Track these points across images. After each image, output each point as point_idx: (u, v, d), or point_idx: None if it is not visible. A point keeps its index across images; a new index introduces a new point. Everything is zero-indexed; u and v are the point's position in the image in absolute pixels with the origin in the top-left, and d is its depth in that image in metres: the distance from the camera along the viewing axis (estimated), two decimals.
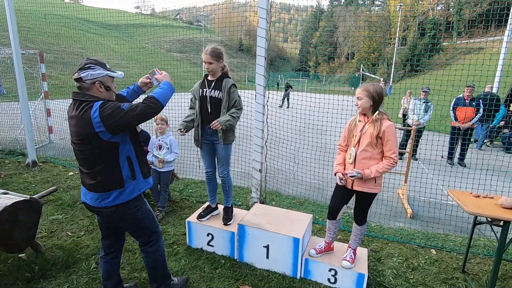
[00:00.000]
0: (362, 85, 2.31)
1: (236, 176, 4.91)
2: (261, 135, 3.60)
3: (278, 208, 3.08)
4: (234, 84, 2.79)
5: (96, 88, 1.74)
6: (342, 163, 2.46)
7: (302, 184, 4.74)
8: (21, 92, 4.98)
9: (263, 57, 3.36)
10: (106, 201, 1.80)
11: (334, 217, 2.55)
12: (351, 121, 2.47)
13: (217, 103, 2.72)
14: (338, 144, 2.58)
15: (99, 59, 1.79)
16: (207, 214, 3.00)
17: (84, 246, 2.95)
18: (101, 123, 1.63)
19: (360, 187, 2.35)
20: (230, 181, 2.98)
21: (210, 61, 2.63)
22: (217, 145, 2.81)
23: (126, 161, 1.81)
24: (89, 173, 1.77)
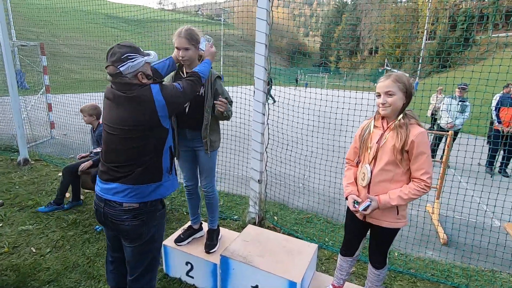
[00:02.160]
0: (390, 75, 1.63)
1: (235, 182, 4.33)
2: (261, 139, 2.98)
3: (275, 234, 2.47)
4: (219, 75, 2.21)
5: (139, 79, 1.53)
6: (354, 182, 1.81)
7: (313, 195, 4.07)
8: (10, 85, 4.65)
9: (264, 44, 2.73)
10: (139, 195, 1.54)
11: (350, 254, 1.93)
12: (363, 126, 1.81)
13: (198, 101, 2.12)
14: (346, 157, 1.93)
15: (132, 44, 1.54)
16: (187, 236, 2.45)
17: (44, 268, 2.49)
18: (165, 106, 1.51)
19: (375, 219, 1.71)
20: (215, 197, 2.41)
21: (186, 46, 2.01)
22: (199, 153, 2.23)
23: (169, 151, 1.64)
24: (130, 165, 1.53)
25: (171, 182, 1.69)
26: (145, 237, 1.59)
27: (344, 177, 1.87)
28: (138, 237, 1.59)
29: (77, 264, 2.57)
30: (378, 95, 1.65)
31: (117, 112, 1.51)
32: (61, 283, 2.34)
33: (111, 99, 1.54)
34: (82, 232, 3.07)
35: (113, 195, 1.54)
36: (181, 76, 2.17)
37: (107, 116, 1.57)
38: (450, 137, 3.80)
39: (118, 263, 1.80)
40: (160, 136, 1.57)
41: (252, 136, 3.03)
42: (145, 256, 1.65)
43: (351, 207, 1.72)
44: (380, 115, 1.72)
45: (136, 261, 1.65)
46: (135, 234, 1.58)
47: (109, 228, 1.65)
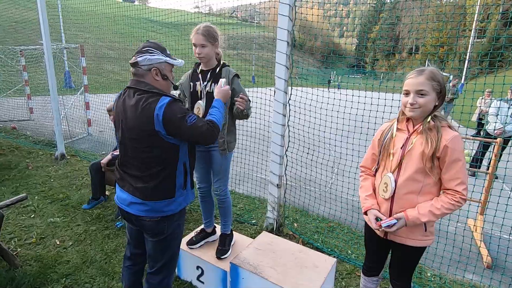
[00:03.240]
0: (423, 70, 1.40)
1: (256, 185, 4.21)
2: (280, 142, 2.84)
3: (290, 243, 2.31)
4: (237, 74, 2.13)
5: (152, 75, 1.51)
6: (373, 194, 1.60)
7: (338, 202, 3.82)
8: (51, 85, 4.98)
9: (285, 41, 2.59)
10: (153, 211, 1.53)
11: (374, 274, 1.73)
12: (383, 129, 1.60)
13: None
14: (360, 165, 1.73)
15: (159, 43, 1.57)
16: (200, 240, 2.38)
17: (64, 261, 2.57)
18: (161, 123, 1.42)
19: (398, 237, 1.49)
20: (228, 200, 2.32)
21: (203, 43, 1.98)
22: (214, 154, 2.16)
23: (183, 167, 1.59)
24: (141, 176, 1.52)
25: (185, 197, 1.64)
26: (166, 233, 1.61)
27: (361, 188, 1.66)
28: (160, 232, 1.60)
29: (95, 259, 2.62)
30: (406, 93, 1.44)
31: (126, 118, 1.49)
32: (78, 277, 2.39)
33: (122, 104, 1.53)
34: (103, 227, 3.15)
35: (128, 206, 1.55)
36: (197, 74, 2.11)
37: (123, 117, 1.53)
38: (498, 145, 3.36)
39: (135, 260, 1.81)
40: (168, 150, 1.50)
41: (271, 138, 2.89)
42: (166, 251, 1.66)
43: (373, 224, 1.51)
44: (405, 117, 1.50)
45: (157, 255, 1.66)
46: (157, 229, 1.59)
47: (132, 224, 1.67)
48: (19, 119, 8.56)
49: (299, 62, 61.50)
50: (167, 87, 1.59)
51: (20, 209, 3.47)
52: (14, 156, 5.40)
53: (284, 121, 2.83)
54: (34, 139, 6.55)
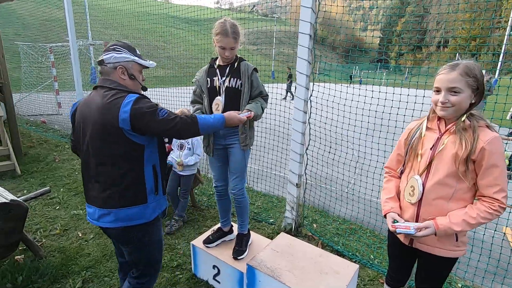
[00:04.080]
0: (457, 65, 1.25)
1: (275, 183, 4.13)
2: (301, 140, 2.73)
3: (310, 246, 2.22)
4: (255, 68, 2.06)
5: (118, 73, 1.47)
6: (395, 196, 1.48)
7: (360, 203, 3.66)
8: (76, 80, 5.13)
9: (308, 35, 2.47)
10: (124, 221, 1.44)
11: (398, 285, 1.61)
12: (411, 128, 1.46)
13: (236, 95, 2.02)
14: (385, 166, 1.60)
15: (129, 44, 1.54)
16: (216, 239, 2.34)
17: (85, 254, 2.63)
18: (128, 121, 1.34)
19: (426, 245, 1.37)
20: (245, 200, 2.25)
21: (234, 46, 1.95)
22: (233, 151, 2.10)
23: (152, 170, 1.49)
24: (106, 181, 1.42)
25: (158, 203, 1.54)
26: (138, 240, 1.53)
27: (383, 190, 1.54)
28: (130, 240, 1.52)
29: (113, 254, 2.66)
30: (437, 90, 1.30)
31: (89, 117, 1.40)
32: (98, 270, 2.43)
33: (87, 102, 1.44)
34: None
35: (97, 220, 1.46)
36: (214, 69, 2.06)
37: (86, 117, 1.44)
38: None
39: (125, 270, 1.78)
40: (132, 150, 1.41)
41: (292, 136, 2.79)
42: (140, 258, 1.59)
43: (390, 226, 1.40)
44: (435, 115, 1.36)
45: (133, 262, 1.61)
46: (126, 238, 1.52)
47: (104, 233, 1.62)
48: (48, 113, 8.95)
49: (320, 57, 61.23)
50: (135, 87, 1.52)
51: (46, 201, 3.60)
52: (42, 149, 5.64)
53: (305, 118, 2.72)
54: (61, 133, 6.81)
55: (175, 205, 3.17)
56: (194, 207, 3.56)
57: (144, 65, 1.53)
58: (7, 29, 21.29)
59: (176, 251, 2.71)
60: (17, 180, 4.22)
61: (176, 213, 3.12)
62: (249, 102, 2.02)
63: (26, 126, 7.40)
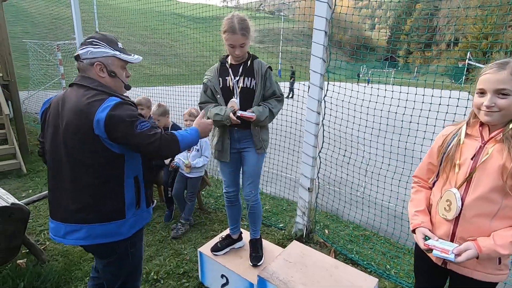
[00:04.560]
0: (506, 63, 1.09)
1: (284, 185, 3.99)
2: (314, 142, 2.60)
3: (324, 256, 2.08)
4: (270, 66, 1.94)
5: (96, 71, 1.31)
6: (426, 209, 1.33)
7: (373, 207, 3.47)
8: None
9: (323, 31, 2.33)
10: (96, 238, 1.28)
11: None
12: (446, 134, 1.30)
13: (250, 96, 1.91)
14: (413, 175, 1.45)
15: (109, 36, 1.36)
16: (225, 246, 2.22)
17: (89, 258, 2.54)
18: (103, 128, 1.19)
19: (464, 268, 1.22)
20: (259, 206, 2.14)
21: (243, 42, 1.81)
22: (247, 155, 1.99)
23: (133, 182, 1.34)
24: (78, 193, 1.26)
25: (139, 218, 1.39)
26: (113, 255, 1.38)
27: (411, 202, 1.39)
28: (106, 255, 1.38)
29: None
30: (481, 92, 1.15)
31: (64, 116, 1.25)
32: None
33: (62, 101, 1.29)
34: None
35: (63, 237, 1.29)
36: (226, 68, 1.93)
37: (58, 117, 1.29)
38: None
39: (99, 281, 1.62)
40: (111, 160, 1.26)
41: (304, 138, 2.66)
42: (118, 273, 1.44)
43: (420, 244, 1.24)
44: (477, 121, 1.21)
45: (108, 278, 1.45)
46: (102, 252, 1.38)
47: None
48: None
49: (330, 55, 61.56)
50: (116, 85, 1.36)
51: None
52: None
53: (318, 120, 2.58)
54: None
55: (182, 208, 3.06)
56: (201, 209, 3.46)
57: (126, 61, 1.36)
58: (16, 27, 21.49)
59: (183, 256, 2.61)
60: (22, 179, 4.17)
61: (183, 216, 3.02)
62: (259, 104, 1.90)
63: (33, 123, 7.39)
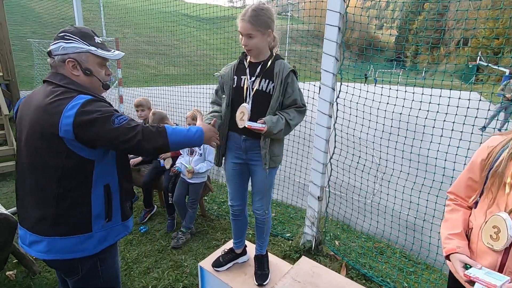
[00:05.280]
0: None
1: (292, 190, 3.79)
2: (325, 148, 2.40)
3: (335, 275, 1.89)
4: (294, 70, 1.68)
5: (68, 68, 1.17)
6: (463, 233, 1.12)
7: (387, 216, 3.23)
8: None
9: (336, 27, 2.13)
10: (58, 253, 1.14)
11: None
12: (494, 145, 1.08)
13: (265, 101, 1.66)
14: (449, 191, 1.24)
15: (84, 29, 1.22)
16: (227, 261, 2.04)
17: None
18: (71, 129, 1.05)
19: None
20: (269, 221, 1.95)
21: (250, 32, 1.57)
22: (255, 168, 1.78)
23: (102, 191, 1.19)
24: (39, 201, 1.14)
25: (110, 232, 1.24)
26: (77, 274, 1.22)
27: (445, 222, 1.19)
28: (71, 273, 1.23)
29: None
30: None
31: (28, 116, 1.14)
32: None
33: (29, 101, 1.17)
34: None
35: (29, 247, 1.17)
36: (244, 66, 1.73)
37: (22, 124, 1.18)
38: None
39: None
40: (76, 166, 1.12)
41: (314, 143, 2.47)
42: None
43: (460, 272, 1.04)
44: None
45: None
46: (62, 269, 1.24)
47: None
48: None
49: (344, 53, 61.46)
50: (92, 85, 1.22)
51: None
52: None
53: (330, 123, 2.38)
54: None
55: (183, 215, 2.89)
56: (203, 216, 3.29)
57: (103, 57, 1.22)
58: (24, 27, 21.70)
59: (182, 269, 2.43)
60: None
61: (184, 224, 2.85)
62: (276, 113, 1.65)
63: None
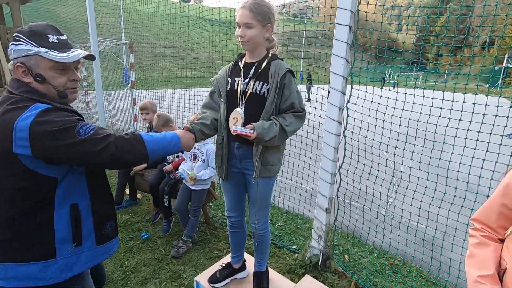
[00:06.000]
0: None
1: (299, 198, 3.61)
2: (333, 156, 2.23)
3: None
4: (291, 70, 1.55)
5: (19, 74, 1.04)
6: (495, 275, 0.92)
7: (401, 231, 2.98)
8: (97, 80, 5.00)
9: (347, 26, 1.96)
10: (16, 280, 1.02)
11: None
12: None
13: (260, 105, 1.54)
14: (474, 218, 1.05)
15: (37, 26, 1.06)
16: (225, 277, 1.91)
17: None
18: (27, 142, 0.92)
19: None
20: (267, 235, 1.81)
21: (248, 21, 1.45)
22: (250, 178, 1.64)
23: (68, 212, 1.05)
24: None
25: (80, 257, 1.10)
26: None
27: (470, 259, 0.99)
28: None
29: (112, 279, 2.33)
30: None
31: None
32: None
33: None
34: (128, 237, 2.88)
35: None
36: (239, 68, 1.61)
37: None
38: None
39: None
40: (36, 186, 1.00)
41: (322, 151, 2.30)
42: None
43: None
44: None
45: None
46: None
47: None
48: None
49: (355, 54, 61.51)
50: (50, 93, 1.08)
51: None
52: None
53: (339, 130, 2.21)
54: None
55: (184, 223, 2.79)
56: (207, 224, 3.17)
57: (55, 60, 1.04)
58: None
59: (181, 281, 2.32)
60: None
61: (185, 233, 2.74)
62: (270, 118, 1.52)
63: None
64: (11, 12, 4.68)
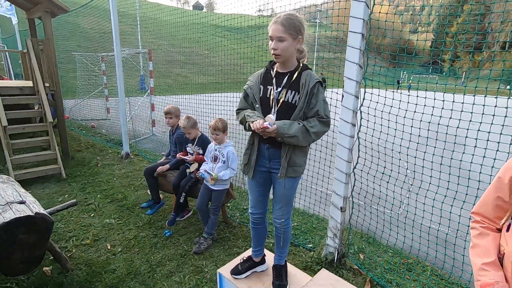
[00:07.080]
0: None
1: (314, 199, 3.72)
2: (348, 157, 2.34)
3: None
4: (320, 81, 1.68)
5: None
6: (497, 261, 1.02)
7: (415, 230, 3.02)
8: (119, 87, 5.27)
9: (360, 34, 2.09)
10: None
11: None
12: None
13: (291, 111, 1.68)
14: (473, 211, 1.15)
15: None
16: (246, 269, 2.04)
17: (111, 270, 2.51)
18: None
19: None
20: (289, 230, 1.93)
21: (281, 35, 1.59)
22: (276, 176, 1.78)
23: None
24: None
25: None
26: None
27: (474, 249, 1.09)
28: None
29: (139, 271, 2.50)
30: None
31: None
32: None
33: None
34: (152, 234, 3.06)
35: None
36: (271, 76, 1.75)
37: None
38: None
39: None
40: None
41: (337, 152, 2.41)
42: None
43: None
44: None
45: None
46: None
47: None
48: (98, 118, 9.54)
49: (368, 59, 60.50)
50: None
51: (83, 207, 3.64)
52: (88, 153, 5.90)
53: (353, 132, 2.32)
54: (107, 137, 7.13)
55: (205, 221, 2.94)
56: (225, 223, 3.32)
57: None
58: (70, 41, 23.64)
59: (203, 274, 2.47)
60: (61, 183, 4.38)
61: (206, 230, 2.89)
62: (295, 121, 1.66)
63: (78, 130, 7.91)
64: (43, 25, 5.03)
